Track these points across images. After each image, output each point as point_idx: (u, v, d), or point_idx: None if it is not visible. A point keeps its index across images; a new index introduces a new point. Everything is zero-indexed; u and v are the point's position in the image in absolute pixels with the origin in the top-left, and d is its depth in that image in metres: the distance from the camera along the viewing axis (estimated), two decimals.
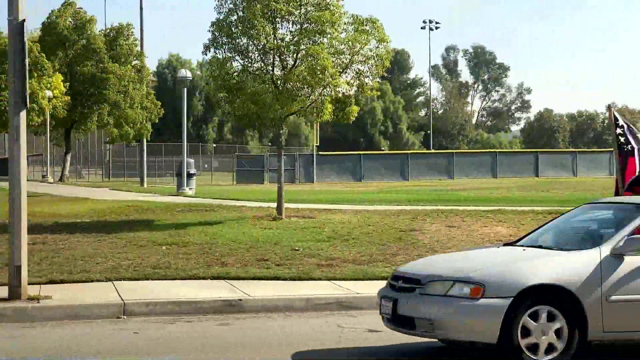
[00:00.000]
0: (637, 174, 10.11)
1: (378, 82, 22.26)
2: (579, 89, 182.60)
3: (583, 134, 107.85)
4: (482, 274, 8.39)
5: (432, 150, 76.09)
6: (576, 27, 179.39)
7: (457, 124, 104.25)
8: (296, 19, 20.11)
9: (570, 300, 8.31)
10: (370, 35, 20.13)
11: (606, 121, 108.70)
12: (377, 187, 44.99)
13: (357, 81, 20.61)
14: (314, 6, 20.06)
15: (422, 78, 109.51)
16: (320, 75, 19.40)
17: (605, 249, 8.56)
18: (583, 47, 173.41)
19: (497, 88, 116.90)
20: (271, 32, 19.88)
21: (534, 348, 8.23)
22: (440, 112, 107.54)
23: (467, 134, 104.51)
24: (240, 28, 19.95)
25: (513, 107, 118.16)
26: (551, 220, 10.51)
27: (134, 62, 54.54)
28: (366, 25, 20.18)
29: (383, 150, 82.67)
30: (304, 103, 20.45)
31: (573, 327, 8.30)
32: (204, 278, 13.58)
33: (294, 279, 13.60)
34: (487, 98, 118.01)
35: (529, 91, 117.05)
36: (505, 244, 10.18)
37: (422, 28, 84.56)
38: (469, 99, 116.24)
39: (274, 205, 21.48)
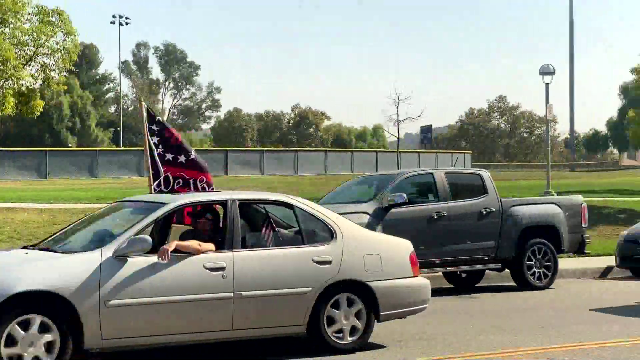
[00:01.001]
0: (160, 178, 9.98)
1: (65, 76, 21.66)
2: (268, 88, 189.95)
3: (270, 133, 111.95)
4: None
5: (123, 148, 74.98)
6: (265, 28, 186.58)
7: None
8: None
9: (65, 306, 7.71)
10: (57, 27, 19.56)
11: (291, 121, 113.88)
12: (65, 184, 43.57)
13: (43, 74, 19.93)
14: None
15: (112, 74, 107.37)
16: (1, 67, 18.51)
17: (108, 251, 8.04)
18: (272, 48, 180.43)
19: (187, 86, 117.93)
20: None
21: None
22: (130, 108, 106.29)
23: None
24: None
25: (204, 106, 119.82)
26: (79, 219, 9.86)
27: None
28: (52, 16, 19.57)
29: (70, 146, 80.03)
30: None
31: (67, 336, 7.72)
32: None
33: None
34: (178, 96, 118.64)
35: (219, 90, 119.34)
36: (24, 246, 9.44)
37: (112, 23, 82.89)
38: (160, 97, 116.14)
39: None
